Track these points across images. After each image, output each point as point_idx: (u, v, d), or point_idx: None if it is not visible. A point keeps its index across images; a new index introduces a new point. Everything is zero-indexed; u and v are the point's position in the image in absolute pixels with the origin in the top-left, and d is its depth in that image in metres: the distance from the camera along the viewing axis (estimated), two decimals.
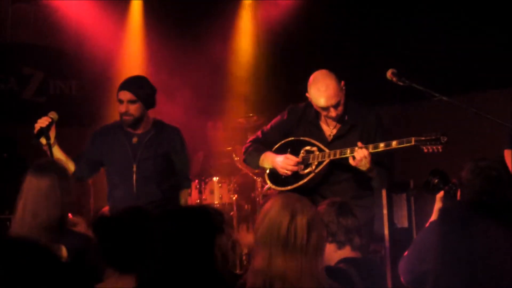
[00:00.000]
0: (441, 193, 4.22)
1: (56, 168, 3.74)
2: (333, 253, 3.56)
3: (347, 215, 3.62)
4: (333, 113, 4.66)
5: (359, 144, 4.48)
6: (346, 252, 3.60)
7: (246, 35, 8.31)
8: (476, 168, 3.84)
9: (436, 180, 4.44)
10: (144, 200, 4.85)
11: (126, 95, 4.91)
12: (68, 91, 8.33)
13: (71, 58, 7.93)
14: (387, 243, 6.98)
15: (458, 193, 3.93)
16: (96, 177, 5.57)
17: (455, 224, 2.37)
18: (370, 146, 4.49)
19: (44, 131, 4.54)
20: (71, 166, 4.84)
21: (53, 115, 4.63)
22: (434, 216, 4.09)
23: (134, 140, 5.03)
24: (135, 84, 4.99)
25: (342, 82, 4.67)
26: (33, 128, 4.58)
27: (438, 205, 4.17)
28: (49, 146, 4.58)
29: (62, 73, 8.24)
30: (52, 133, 4.63)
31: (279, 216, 2.76)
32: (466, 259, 2.28)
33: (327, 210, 3.62)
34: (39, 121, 4.58)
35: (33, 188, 3.64)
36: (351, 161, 4.51)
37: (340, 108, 4.67)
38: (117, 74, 7.30)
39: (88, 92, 8.18)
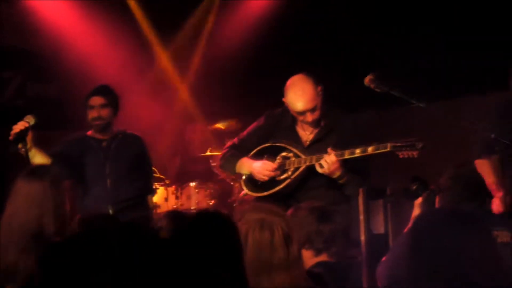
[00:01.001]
0: (419, 200, 4.24)
1: (50, 175, 3.68)
2: (309, 260, 3.56)
3: (327, 222, 3.61)
4: (309, 117, 4.66)
5: (329, 150, 4.49)
6: (322, 258, 3.60)
7: (222, 40, 8.29)
8: (456, 174, 3.86)
9: (414, 187, 4.46)
10: (117, 201, 5.07)
11: (97, 100, 5.12)
12: (47, 94, 8.27)
13: (50, 61, 7.87)
14: (363, 249, 6.99)
15: (437, 200, 3.95)
16: None
17: (427, 232, 2.37)
18: (347, 152, 4.50)
19: (20, 137, 4.55)
20: None
21: (29, 119, 4.62)
22: (411, 223, 4.09)
23: (104, 144, 5.24)
24: (105, 90, 5.22)
25: (319, 87, 4.68)
26: (9, 134, 4.57)
27: (416, 211, 4.19)
28: (26, 151, 4.58)
29: (41, 76, 8.19)
30: (29, 138, 4.62)
31: (259, 239, 2.71)
32: (437, 268, 2.29)
33: (307, 216, 3.60)
34: (15, 126, 4.59)
35: (23, 194, 3.55)
36: (318, 168, 4.52)
37: (317, 113, 4.67)
38: (97, 77, 7.27)
39: (67, 95, 8.12)
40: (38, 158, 4.79)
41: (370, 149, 4.46)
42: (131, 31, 7.89)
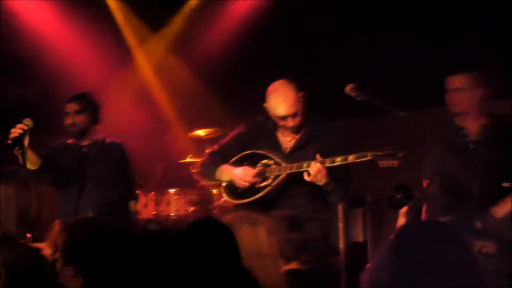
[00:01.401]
0: (405, 208, 4.26)
1: (17, 178, 3.65)
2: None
3: (297, 231, 3.65)
4: (290, 122, 4.68)
5: (318, 157, 4.50)
6: (293, 266, 3.64)
7: (203, 47, 8.30)
8: (444, 183, 3.87)
9: (399, 195, 4.48)
10: (97, 206, 5.06)
11: (71, 107, 5.17)
12: (29, 98, 8.21)
13: (33, 65, 7.83)
14: (342, 257, 7.01)
15: (424, 208, 3.95)
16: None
17: (409, 243, 2.39)
18: (327, 161, 4.52)
19: (18, 140, 4.55)
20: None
21: (28, 122, 4.62)
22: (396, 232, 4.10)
23: (84, 150, 5.28)
24: (80, 97, 5.24)
25: (301, 93, 4.70)
26: (7, 137, 4.58)
27: (401, 220, 4.21)
28: (23, 154, 4.58)
29: (24, 80, 8.13)
30: (26, 140, 4.62)
31: (240, 231, 2.85)
32: (418, 279, 2.30)
33: (277, 225, 3.63)
34: (14, 130, 4.59)
35: None
36: (306, 176, 4.53)
37: (298, 119, 4.69)
38: (78, 81, 7.24)
39: (50, 100, 8.07)
40: (31, 160, 4.82)
41: (351, 158, 4.49)
42: (112, 35, 7.86)
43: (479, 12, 6.67)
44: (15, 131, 4.57)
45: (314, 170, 4.48)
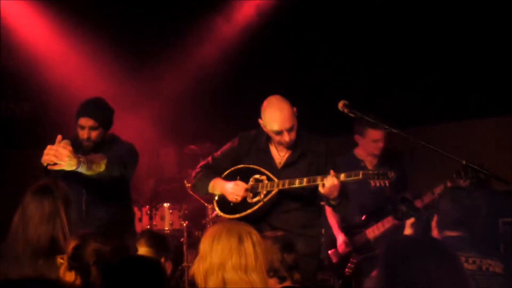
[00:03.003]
0: (412, 220, 4.26)
1: (60, 192, 3.64)
2: (273, 286, 3.60)
3: (291, 251, 3.68)
4: (286, 137, 4.67)
5: (332, 172, 4.49)
6: (286, 284, 3.65)
7: (198, 62, 8.33)
8: (457, 197, 3.86)
9: (405, 208, 4.50)
10: (95, 225, 4.77)
11: (88, 122, 4.82)
12: (19, 112, 8.23)
13: (23, 80, 7.84)
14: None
15: (435, 219, 3.94)
16: None
17: (398, 260, 2.39)
18: (318, 178, 4.52)
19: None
20: None
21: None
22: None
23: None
24: (97, 110, 4.89)
25: (295, 108, 4.71)
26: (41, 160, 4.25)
27: (408, 231, 4.21)
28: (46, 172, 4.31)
29: (14, 95, 8.15)
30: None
31: (228, 241, 2.89)
32: None
33: (271, 246, 3.66)
34: (51, 153, 4.18)
35: (34, 209, 3.54)
36: (320, 188, 4.50)
37: (293, 134, 4.69)
38: (72, 96, 7.25)
39: (40, 114, 8.09)
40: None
41: (342, 176, 4.48)
42: (106, 51, 7.87)
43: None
44: (58, 154, 4.19)
45: (330, 183, 4.46)
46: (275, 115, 4.65)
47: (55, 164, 4.19)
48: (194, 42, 8.22)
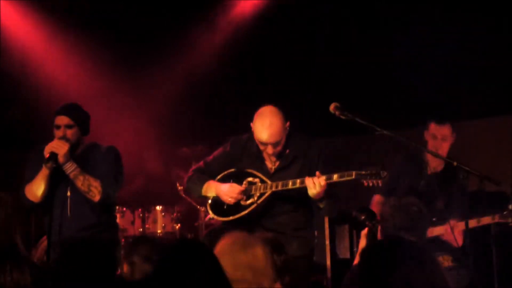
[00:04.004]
0: (366, 230, 4.29)
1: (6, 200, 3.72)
2: None
3: (280, 253, 3.68)
4: (270, 150, 4.70)
5: (317, 173, 4.51)
6: (276, 286, 3.66)
7: (191, 63, 8.31)
8: (397, 203, 3.92)
9: (363, 217, 4.52)
10: (79, 224, 4.87)
11: (63, 120, 4.91)
12: (12, 115, 8.19)
13: (16, 82, 7.82)
14: (329, 274, 7.00)
15: (379, 229, 4.00)
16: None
17: (376, 265, 2.40)
18: (325, 177, 4.53)
19: (55, 156, 4.71)
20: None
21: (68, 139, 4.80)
22: (359, 253, 4.14)
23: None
24: (72, 109, 5.01)
25: (288, 123, 4.72)
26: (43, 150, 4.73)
27: (362, 242, 4.23)
28: (52, 169, 4.75)
29: (6, 97, 8.12)
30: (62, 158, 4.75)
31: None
32: None
33: None
34: (53, 145, 4.73)
35: None
36: (309, 190, 4.51)
37: (279, 148, 4.71)
38: (61, 98, 7.23)
39: (32, 117, 8.07)
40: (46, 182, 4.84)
41: (335, 177, 4.51)
42: (97, 53, 7.85)
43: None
44: (56, 147, 4.72)
45: (318, 184, 4.48)
46: (263, 128, 4.67)
47: (54, 155, 4.67)
48: (187, 42, 8.21)
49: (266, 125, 4.65)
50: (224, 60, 8.03)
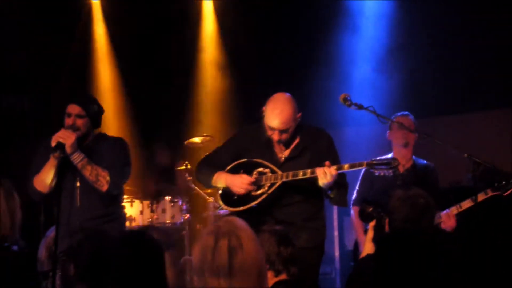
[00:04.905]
0: (374, 222, 4.30)
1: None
2: (269, 280, 3.62)
3: (287, 245, 3.71)
4: (276, 136, 4.70)
5: (327, 163, 4.51)
6: (282, 277, 3.69)
7: (203, 62, 8.34)
8: (403, 195, 3.93)
9: (370, 209, 4.54)
10: (88, 214, 4.88)
11: (75, 109, 4.89)
12: (20, 106, 8.22)
13: (23, 73, 7.84)
14: (337, 265, 7.03)
15: (387, 222, 4.01)
16: None
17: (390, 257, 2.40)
18: (335, 167, 4.53)
19: (62, 145, 4.70)
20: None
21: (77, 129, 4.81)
22: (367, 244, 4.15)
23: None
24: (86, 99, 5.01)
25: (299, 114, 4.72)
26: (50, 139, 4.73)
27: (370, 234, 4.24)
28: (60, 159, 4.73)
29: (15, 89, 8.14)
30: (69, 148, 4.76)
31: (206, 242, 2.72)
32: None
33: (268, 239, 3.71)
34: (60, 135, 4.72)
35: None
36: (320, 180, 4.50)
37: (285, 135, 4.70)
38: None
39: (40, 108, 8.09)
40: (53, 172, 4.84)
41: (346, 166, 4.51)
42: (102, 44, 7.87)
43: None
44: (64, 137, 4.71)
45: (332, 174, 4.48)
46: (274, 113, 4.67)
47: (61, 144, 4.69)
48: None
49: (276, 111, 4.66)
50: (237, 48, 8.04)
